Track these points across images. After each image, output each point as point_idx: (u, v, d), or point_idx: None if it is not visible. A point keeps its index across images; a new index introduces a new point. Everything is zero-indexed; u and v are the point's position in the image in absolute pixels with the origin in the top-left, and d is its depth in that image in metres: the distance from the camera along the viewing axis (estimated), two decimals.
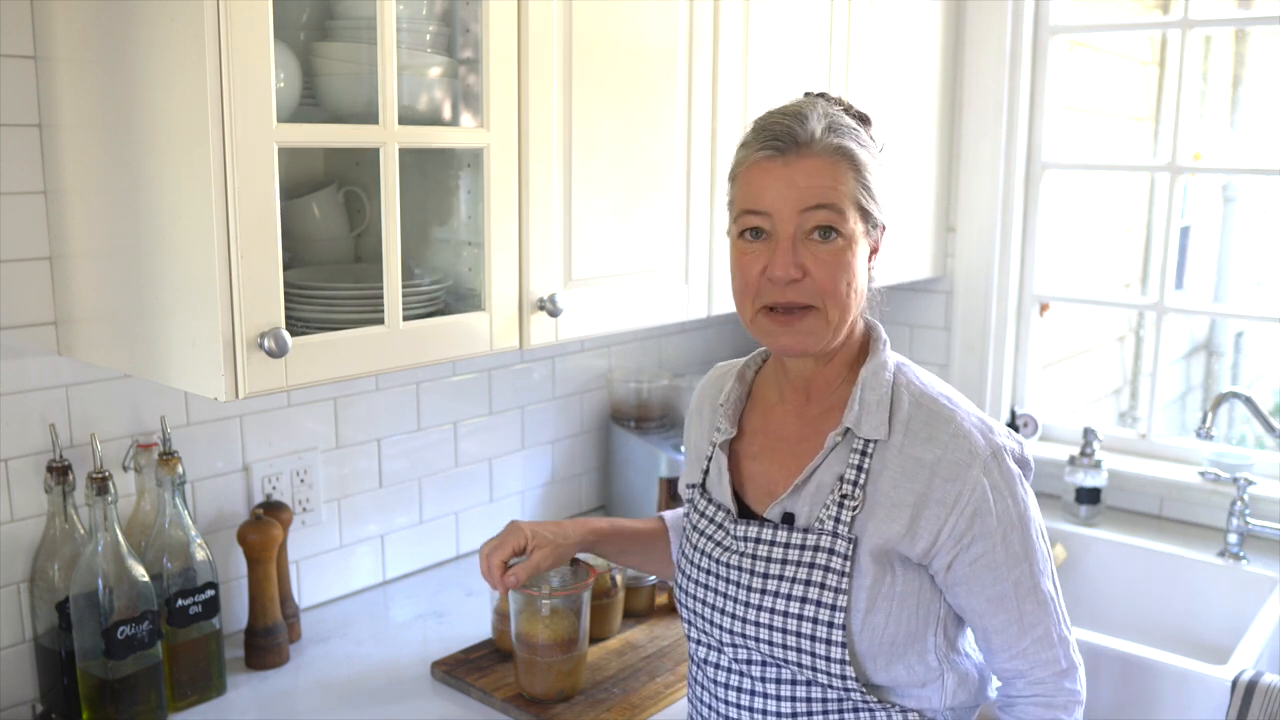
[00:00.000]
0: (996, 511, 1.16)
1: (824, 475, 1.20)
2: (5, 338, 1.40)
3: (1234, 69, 4.97)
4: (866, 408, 1.19)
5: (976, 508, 1.16)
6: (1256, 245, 5.24)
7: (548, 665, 1.48)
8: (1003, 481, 1.17)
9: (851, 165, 1.16)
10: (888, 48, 2.18)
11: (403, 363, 1.39)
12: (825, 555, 1.17)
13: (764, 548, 1.21)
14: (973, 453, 1.16)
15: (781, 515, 1.22)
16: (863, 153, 1.17)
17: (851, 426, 1.19)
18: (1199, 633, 2.15)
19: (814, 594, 1.16)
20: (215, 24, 1.13)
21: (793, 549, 1.19)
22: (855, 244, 1.16)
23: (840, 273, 1.15)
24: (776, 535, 1.21)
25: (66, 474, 1.41)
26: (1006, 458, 1.18)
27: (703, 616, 1.26)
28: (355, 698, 1.54)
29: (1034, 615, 1.20)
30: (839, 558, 1.16)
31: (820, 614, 1.16)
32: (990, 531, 1.16)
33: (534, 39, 1.47)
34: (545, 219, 1.54)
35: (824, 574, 1.17)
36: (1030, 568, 1.19)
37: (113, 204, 1.31)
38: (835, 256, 1.15)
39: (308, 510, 1.79)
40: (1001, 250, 2.50)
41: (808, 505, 1.20)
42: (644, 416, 2.25)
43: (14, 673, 1.46)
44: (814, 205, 1.14)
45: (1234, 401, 2.14)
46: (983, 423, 1.20)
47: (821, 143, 1.15)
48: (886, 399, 1.19)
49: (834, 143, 1.15)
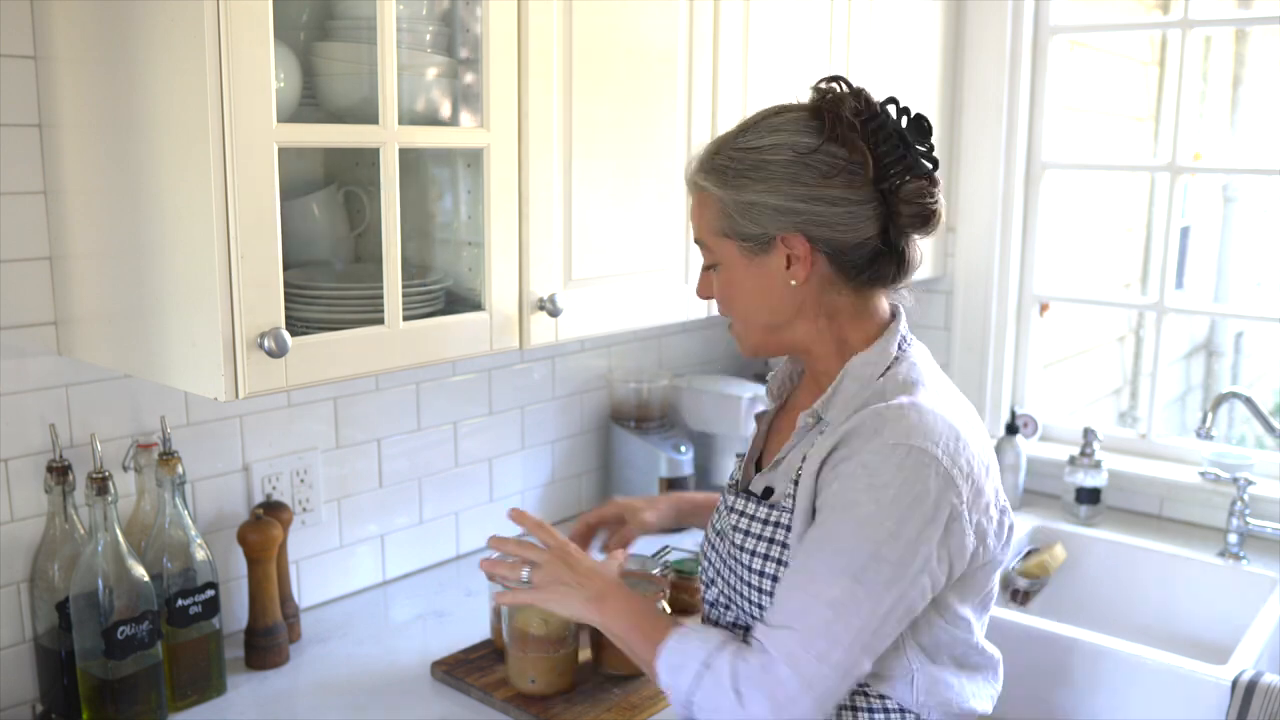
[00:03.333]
0: (850, 485, 1.12)
1: (794, 456, 1.24)
2: (5, 338, 1.40)
3: (1234, 69, 4.97)
4: (841, 394, 1.22)
5: (842, 472, 1.14)
6: (1256, 245, 5.24)
7: (536, 660, 1.49)
8: (881, 469, 1.11)
9: (705, 199, 1.23)
10: (888, 48, 2.18)
11: (403, 363, 1.39)
12: (784, 531, 1.21)
13: (740, 519, 1.27)
14: (878, 431, 1.13)
15: (763, 489, 1.27)
16: (719, 182, 1.20)
17: (819, 410, 1.22)
18: (1199, 633, 2.15)
19: (770, 568, 1.21)
20: (215, 24, 1.13)
21: (756, 521, 1.24)
22: (736, 267, 1.23)
23: (727, 294, 1.26)
24: (747, 507, 1.26)
25: (66, 474, 1.41)
26: (917, 460, 1.12)
27: (706, 577, 1.34)
28: (355, 698, 1.54)
29: (799, 585, 1.13)
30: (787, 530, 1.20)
31: (774, 587, 1.20)
32: (835, 496, 1.14)
33: (534, 39, 1.47)
34: (545, 219, 1.54)
35: (780, 549, 1.20)
36: (835, 555, 1.11)
37: (113, 204, 1.31)
38: (720, 281, 1.26)
39: (308, 510, 1.79)
40: (1001, 250, 2.50)
41: (781, 482, 1.25)
42: (644, 416, 2.25)
43: (14, 673, 1.46)
44: (695, 239, 1.27)
45: (1234, 401, 2.14)
46: (931, 423, 1.14)
47: (691, 182, 1.25)
48: (866, 389, 1.20)
49: (693, 180, 1.24)
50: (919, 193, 1.19)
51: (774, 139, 1.18)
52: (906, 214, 1.19)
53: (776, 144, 1.18)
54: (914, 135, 1.20)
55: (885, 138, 1.18)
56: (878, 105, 1.20)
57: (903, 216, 1.19)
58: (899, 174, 1.18)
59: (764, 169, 1.17)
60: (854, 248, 1.19)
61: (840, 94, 1.19)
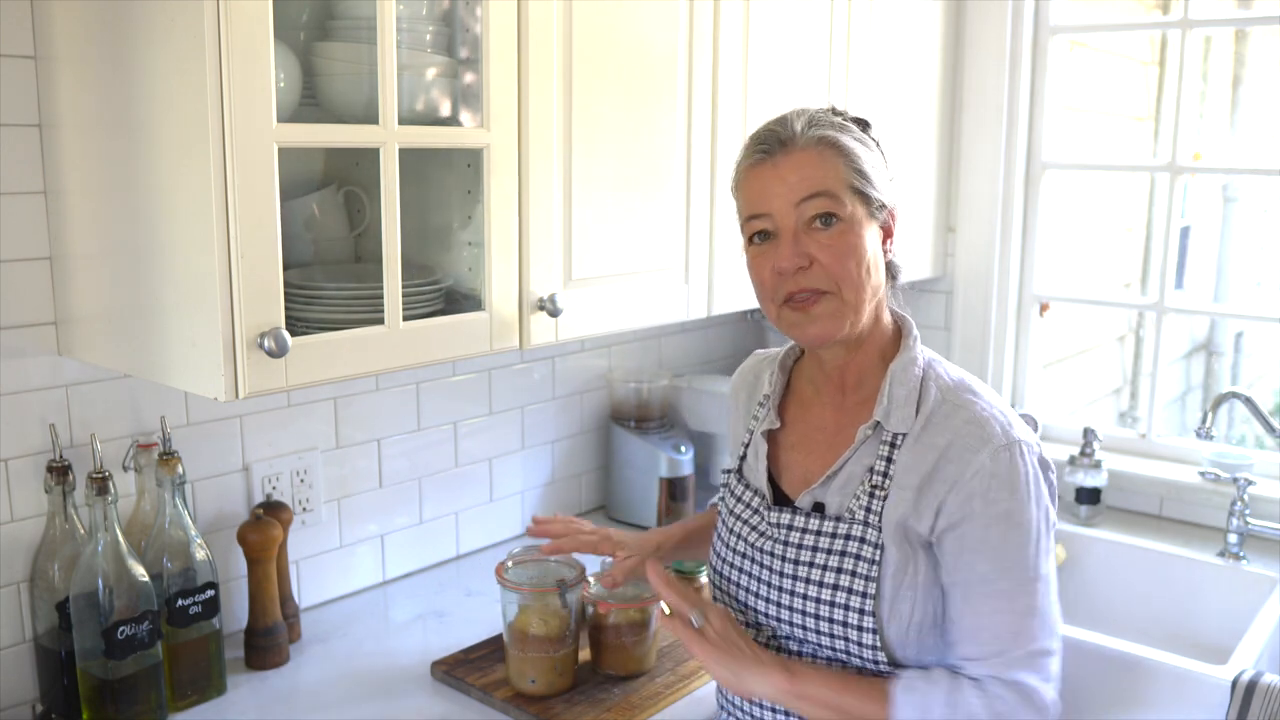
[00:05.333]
0: (992, 499, 1.16)
1: (854, 467, 1.23)
2: (5, 338, 1.40)
3: (1234, 69, 4.97)
4: (895, 402, 1.22)
5: (973, 490, 1.16)
6: (1256, 245, 5.24)
7: (536, 660, 1.49)
8: (1008, 472, 1.16)
9: (838, 152, 1.20)
10: (888, 48, 2.18)
11: (403, 363, 1.39)
12: (856, 544, 1.20)
13: (796, 534, 1.25)
14: (984, 439, 1.17)
15: (812, 504, 1.26)
16: (848, 139, 1.21)
17: (881, 420, 1.22)
18: (1199, 633, 2.15)
19: (845, 581, 1.20)
20: (215, 24, 1.13)
21: (824, 536, 1.23)
22: (859, 226, 1.20)
23: (846, 255, 1.19)
24: (809, 523, 1.24)
25: (66, 474, 1.41)
26: (1023, 452, 1.18)
27: (737, 600, 1.31)
28: (355, 698, 1.54)
29: (999, 610, 1.17)
30: (870, 546, 1.19)
31: (851, 601, 1.19)
32: (978, 514, 1.16)
33: (534, 39, 1.47)
34: (545, 219, 1.54)
35: (855, 562, 1.20)
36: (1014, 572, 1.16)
37: (113, 204, 1.31)
38: (838, 239, 1.19)
39: (308, 510, 1.79)
40: (1001, 250, 2.50)
41: (837, 496, 1.24)
42: (644, 416, 2.25)
43: (14, 673, 1.46)
44: (808, 195, 1.18)
45: (1234, 401, 2.14)
46: (1005, 416, 1.20)
47: (805, 137, 1.20)
48: (915, 393, 1.22)
49: (816, 134, 1.20)
50: None
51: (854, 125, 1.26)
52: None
53: (860, 129, 1.25)
54: None
55: None
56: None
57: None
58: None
59: (866, 144, 1.23)
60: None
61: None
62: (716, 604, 1.29)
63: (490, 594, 1.82)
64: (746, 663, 1.19)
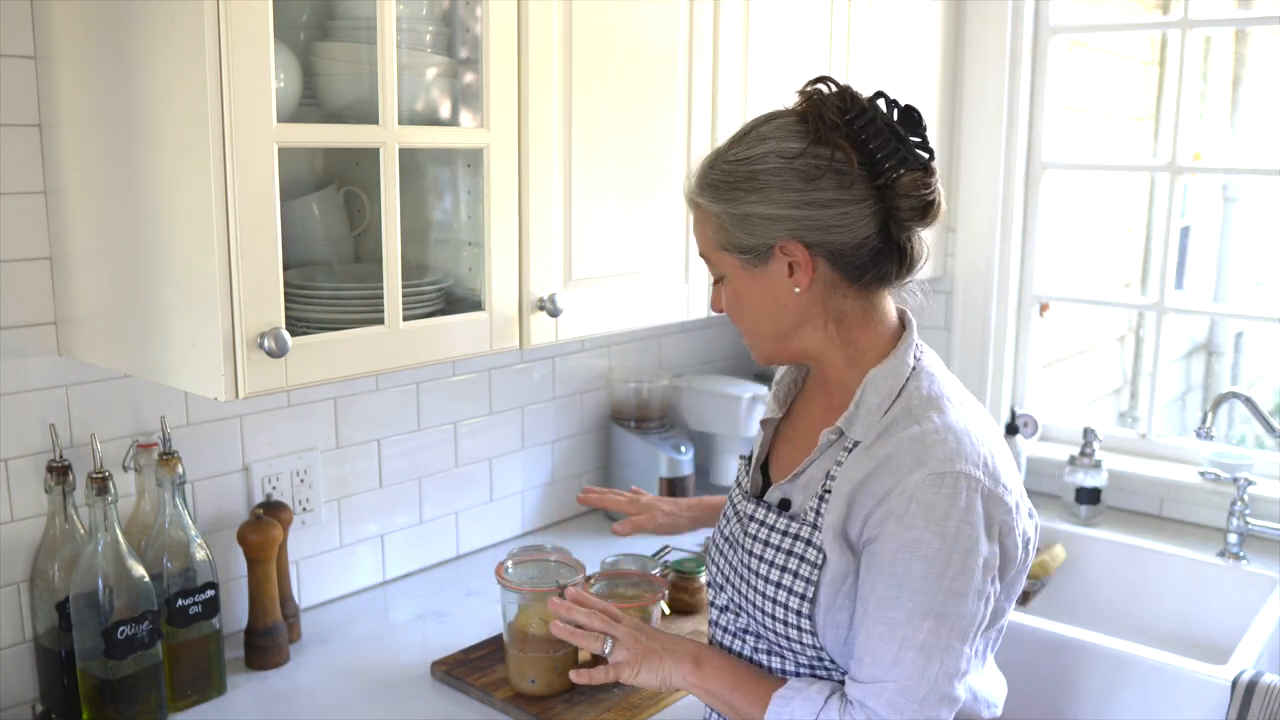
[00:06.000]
0: (907, 523, 1.11)
1: (816, 470, 1.23)
2: (5, 338, 1.40)
3: (1234, 69, 4.97)
4: (863, 409, 1.19)
5: (892, 509, 1.12)
6: (1256, 245, 5.24)
7: (536, 660, 1.50)
8: (931, 500, 1.10)
9: (704, 215, 1.23)
10: (888, 48, 2.18)
11: (403, 363, 1.39)
12: (803, 545, 1.20)
13: (754, 526, 1.26)
14: (921, 460, 1.12)
15: (780, 500, 1.26)
16: (714, 196, 1.20)
17: (844, 427, 1.20)
18: (1199, 633, 2.15)
19: (786, 580, 1.20)
20: (215, 24, 1.13)
21: (775, 533, 1.23)
22: (737, 280, 1.23)
23: (735, 308, 1.26)
24: (767, 517, 1.25)
25: (66, 474, 1.41)
26: (960, 484, 1.11)
27: (716, 580, 1.34)
28: (355, 698, 1.54)
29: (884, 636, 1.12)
30: (814, 550, 1.19)
31: (790, 601, 1.20)
32: (889, 536, 1.12)
33: (534, 39, 1.47)
34: (545, 219, 1.54)
35: (798, 563, 1.20)
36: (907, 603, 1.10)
37: (113, 204, 1.31)
38: (728, 293, 1.26)
39: (308, 510, 1.79)
40: (1001, 250, 2.50)
41: (800, 495, 1.24)
42: (644, 416, 2.25)
43: (14, 673, 1.46)
44: (700, 255, 1.27)
45: (1234, 401, 2.14)
46: (961, 444, 1.13)
47: (689, 199, 1.25)
48: (887, 403, 1.19)
49: (690, 197, 1.24)
50: (915, 184, 1.17)
51: (762, 148, 1.17)
52: (905, 207, 1.18)
53: (765, 153, 1.17)
54: (905, 127, 1.19)
55: (876, 133, 1.16)
56: (865, 101, 1.19)
57: (902, 210, 1.18)
58: (893, 168, 1.17)
59: (755, 179, 1.17)
60: (853, 248, 1.17)
61: (824, 95, 1.18)
62: (625, 615, 1.33)
63: (490, 594, 1.83)
64: (663, 658, 1.26)
